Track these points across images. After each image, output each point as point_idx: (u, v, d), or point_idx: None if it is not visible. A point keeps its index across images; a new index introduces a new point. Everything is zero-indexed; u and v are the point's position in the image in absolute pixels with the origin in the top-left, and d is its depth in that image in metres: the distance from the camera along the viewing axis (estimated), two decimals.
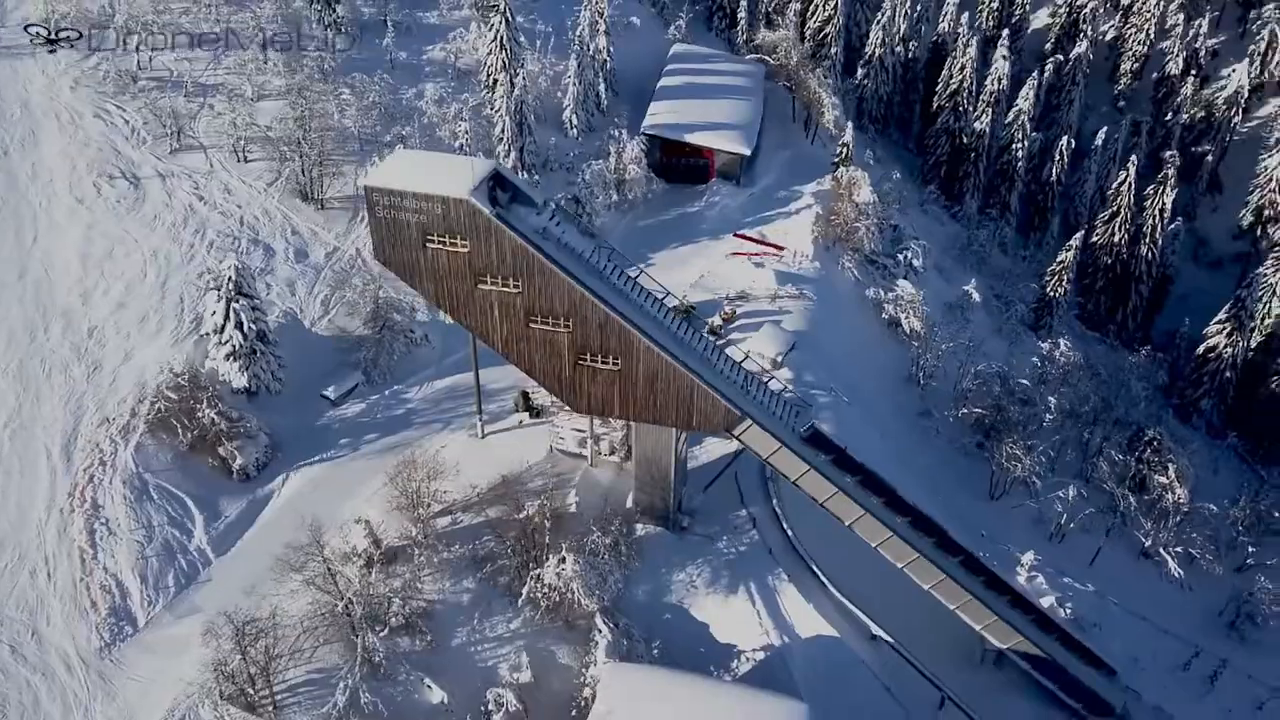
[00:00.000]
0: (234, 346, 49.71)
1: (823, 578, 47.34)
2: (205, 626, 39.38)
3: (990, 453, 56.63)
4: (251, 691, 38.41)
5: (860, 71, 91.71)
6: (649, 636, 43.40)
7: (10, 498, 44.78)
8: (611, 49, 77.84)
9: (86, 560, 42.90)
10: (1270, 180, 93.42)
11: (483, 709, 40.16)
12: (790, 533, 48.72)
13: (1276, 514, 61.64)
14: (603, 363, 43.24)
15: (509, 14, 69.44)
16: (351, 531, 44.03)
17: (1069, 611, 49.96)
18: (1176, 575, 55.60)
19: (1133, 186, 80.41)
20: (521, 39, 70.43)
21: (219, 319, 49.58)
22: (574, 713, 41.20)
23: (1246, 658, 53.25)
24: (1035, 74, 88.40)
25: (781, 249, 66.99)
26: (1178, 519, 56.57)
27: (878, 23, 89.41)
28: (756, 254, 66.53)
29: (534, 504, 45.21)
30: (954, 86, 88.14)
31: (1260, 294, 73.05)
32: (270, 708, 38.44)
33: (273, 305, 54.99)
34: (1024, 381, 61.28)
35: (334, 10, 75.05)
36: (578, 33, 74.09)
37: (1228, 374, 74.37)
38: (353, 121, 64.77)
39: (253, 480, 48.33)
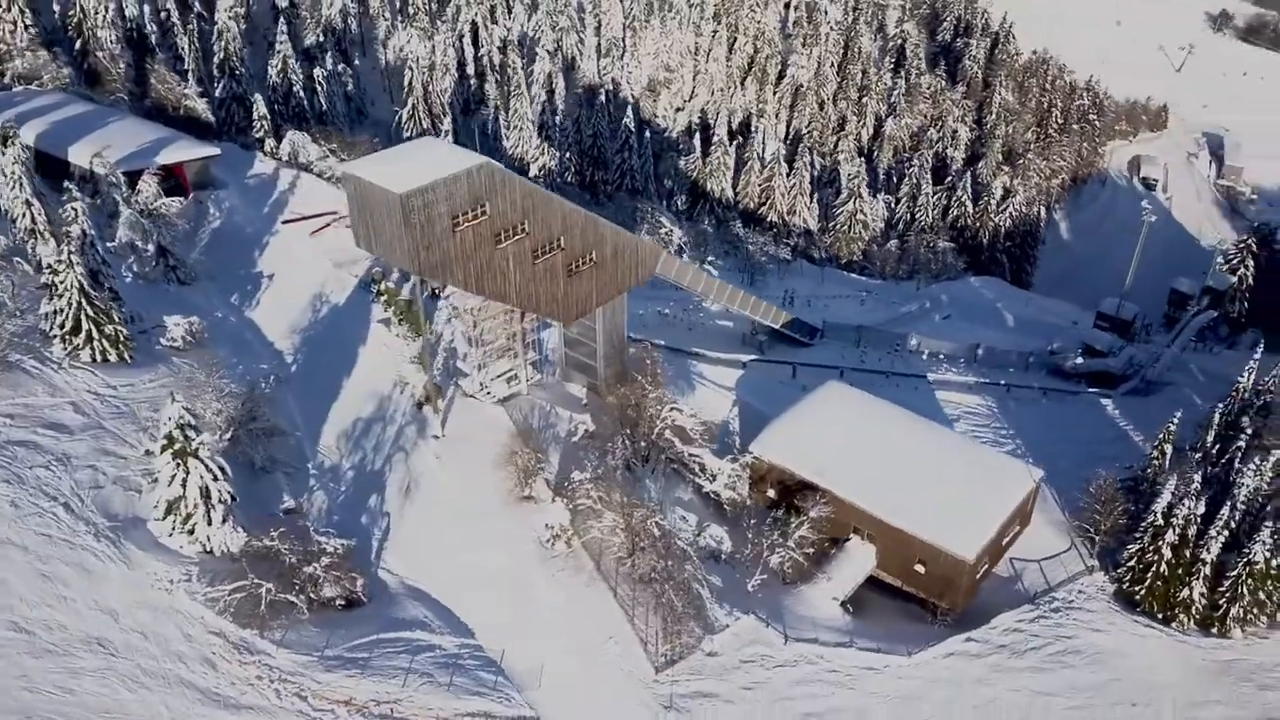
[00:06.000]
0: (226, 503, 39.59)
1: (705, 352, 62.53)
2: None
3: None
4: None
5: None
6: None
7: None
8: None
9: None
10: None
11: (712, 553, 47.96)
12: (664, 342, 62.01)
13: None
14: (585, 264, 49.66)
15: None
16: (553, 512, 43.97)
17: None
18: (715, 272, 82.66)
19: (422, 76, 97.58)
20: None
21: (201, 477, 38.61)
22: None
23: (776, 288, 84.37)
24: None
25: (335, 212, 69.50)
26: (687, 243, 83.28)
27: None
28: (326, 225, 68.19)
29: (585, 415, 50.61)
30: (221, 56, 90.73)
31: None
32: None
33: (122, 481, 42.23)
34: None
35: None
36: None
37: None
38: None
39: (381, 591, 41.86)
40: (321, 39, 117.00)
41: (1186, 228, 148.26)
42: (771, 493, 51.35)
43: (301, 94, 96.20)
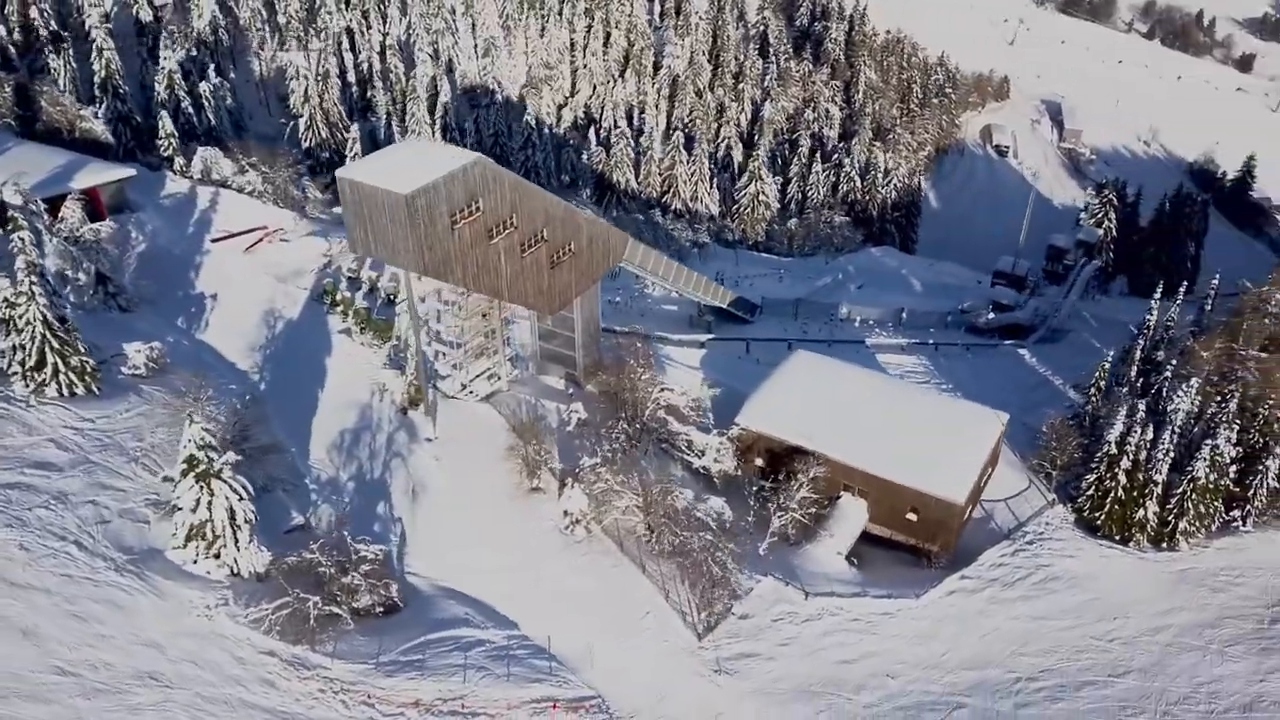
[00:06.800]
0: (251, 523, 38.68)
1: (669, 335, 63.79)
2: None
3: None
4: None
5: None
6: None
7: None
8: None
9: None
10: None
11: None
12: (629, 328, 63.00)
13: None
14: (566, 254, 50.27)
15: None
16: (570, 499, 44.42)
17: None
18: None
19: (317, 86, 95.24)
20: None
21: (226, 498, 37.58)
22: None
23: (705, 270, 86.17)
24: None
25: (266, 227, 67.69)
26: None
27: None
28: (259, 240, 66.37)
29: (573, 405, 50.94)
30: (103, 74, 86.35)
31: None
32: None
33: (127, 514, 40.61)
34: None
35: None
36: None
37: None
38: None
39: (413, 595, 41.51)
40: (195, 53, 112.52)
41: (1039, 189, 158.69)
42: (760, 461, 53.05)
43: (191, 110, 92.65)
